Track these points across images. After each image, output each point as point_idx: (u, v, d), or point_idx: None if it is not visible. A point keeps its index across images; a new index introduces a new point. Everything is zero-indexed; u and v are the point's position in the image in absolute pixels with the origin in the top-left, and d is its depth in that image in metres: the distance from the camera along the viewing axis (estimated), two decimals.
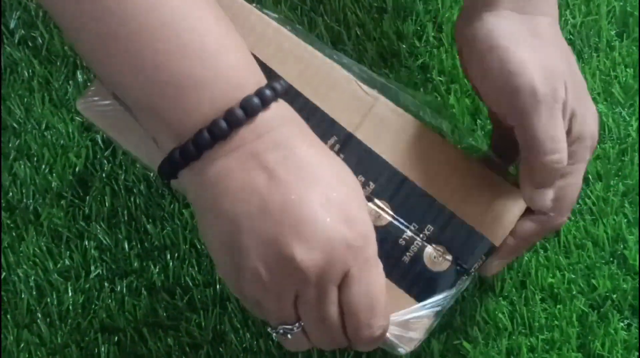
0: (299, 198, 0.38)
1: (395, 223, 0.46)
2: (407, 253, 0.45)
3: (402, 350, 0.44)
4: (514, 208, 0.46)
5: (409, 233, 0.45)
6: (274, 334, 0.42)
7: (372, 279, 0.40)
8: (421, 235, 0.45)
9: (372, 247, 0.40)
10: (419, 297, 0.45)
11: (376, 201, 0.46)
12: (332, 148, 0.45)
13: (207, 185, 0.39)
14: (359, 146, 0.46)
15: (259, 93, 0.39)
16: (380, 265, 0.41)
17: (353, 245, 0.39)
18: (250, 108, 0.38)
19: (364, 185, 0.46)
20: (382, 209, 0.46)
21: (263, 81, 0.40)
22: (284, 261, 0.38)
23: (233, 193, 0.38)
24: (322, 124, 0.45)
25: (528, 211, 0.47)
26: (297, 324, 0.41)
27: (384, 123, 0.46)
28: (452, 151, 0.47)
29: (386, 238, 0.45)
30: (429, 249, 0.45)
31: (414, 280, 0.45)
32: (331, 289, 0.39)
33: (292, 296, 0.40)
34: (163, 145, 0.40)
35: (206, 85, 0.38)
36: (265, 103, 0.39)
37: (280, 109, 0.40)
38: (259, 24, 0.46)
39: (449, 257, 0.45)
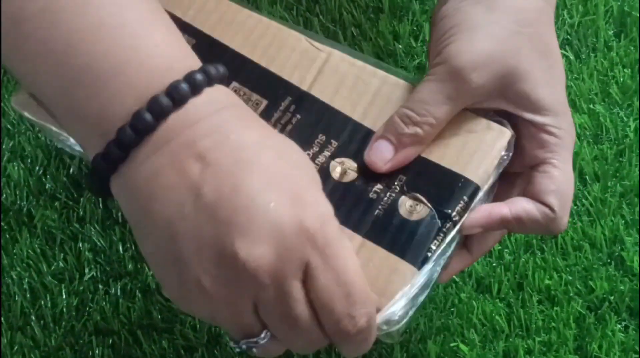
0: (234, 185, 0.33)
1: (363, 176, 0.42)
2: (380, 206, 0.41)
3: (394, 332, 0.40)
4: (495, 143, 0.42)
5: (379, 185, 0.41)
6: (238, 350, 0.37)
7: (341, 262, 0.34)
8: (393, 186, 0.42)
9: (332, 225, 0.35)
10: (403, 252, 0.40)
11: (341, 158, 0.42)
12: (287, 109, 0.43)
13: (137, 190, 0.34)
14: (316, 103, 0.43)
15: (188, 77, 0.34)
16: (347, 241, 0.35)
17: (307, 227, 0.33)
18: (177, 95, 0.34)
19: (326, 143, 0.42)
20: (348, 166, 0.42)
21: (196, 65, 0.35)
22: (227, 264, 0.33)
23: (164, 193, 0.33)
24: (274, 86, 0.43)
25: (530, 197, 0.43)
26: (262, 334, 0.35)
27: (339, 76, 0.43)
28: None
29: (355, 194, 0.41)
30: (403, 198, 0.41)
31: (393, 234, 0.40)
32: (293, 286, 0.34)
33: (249, 305, 0.34)
34: (91, 155, 0.35)
35: (126, 68, 0.34)
36: (195, 89, 0.34)
37: (215, 93, 0.35)
38: None
39: (428, 203, 0.41)
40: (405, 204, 0.41)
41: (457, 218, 0.41)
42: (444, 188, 0.41)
